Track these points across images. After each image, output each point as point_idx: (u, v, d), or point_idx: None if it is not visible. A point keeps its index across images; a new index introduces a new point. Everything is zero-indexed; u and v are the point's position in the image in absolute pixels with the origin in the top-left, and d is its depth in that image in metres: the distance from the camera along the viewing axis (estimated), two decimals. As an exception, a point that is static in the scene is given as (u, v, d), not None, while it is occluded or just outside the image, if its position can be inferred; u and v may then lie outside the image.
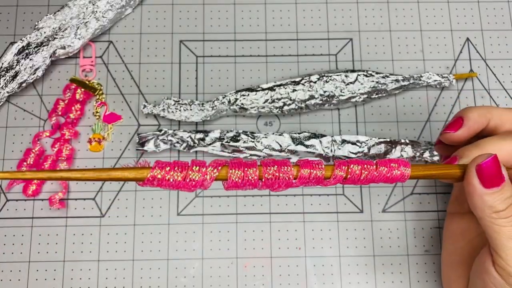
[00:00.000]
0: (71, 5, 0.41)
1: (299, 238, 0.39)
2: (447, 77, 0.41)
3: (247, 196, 0.39)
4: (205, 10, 0.43)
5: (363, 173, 0.26)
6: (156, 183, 0.22)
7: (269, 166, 0.24)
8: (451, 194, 0.36)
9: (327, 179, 0.25)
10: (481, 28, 0.43)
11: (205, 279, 0.38)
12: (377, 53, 0.42)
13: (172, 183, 0.22)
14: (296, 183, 0.25)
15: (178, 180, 0.22)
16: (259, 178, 0.24)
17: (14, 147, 0.40)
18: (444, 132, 0.31)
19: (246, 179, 0.23)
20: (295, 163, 0.25)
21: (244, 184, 0.24)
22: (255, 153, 0.39)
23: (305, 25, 0.43)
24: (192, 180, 0.22)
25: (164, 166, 0.22)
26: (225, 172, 0.23)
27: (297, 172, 0.25)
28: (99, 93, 0.41)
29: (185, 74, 0.42)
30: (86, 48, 0.42)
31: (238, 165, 0.23)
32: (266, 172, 0.24)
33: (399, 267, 0.38)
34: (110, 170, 0.21)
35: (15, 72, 0.39)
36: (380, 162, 0.26)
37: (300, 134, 0.39)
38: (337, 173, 0.25)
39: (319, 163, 0.25)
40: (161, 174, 0.22)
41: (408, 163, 0.27)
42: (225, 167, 0.23)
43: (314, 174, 0.25)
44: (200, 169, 0.23)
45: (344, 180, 0.26)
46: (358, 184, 0.26)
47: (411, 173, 0.26)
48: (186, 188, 0.23)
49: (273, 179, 0.24)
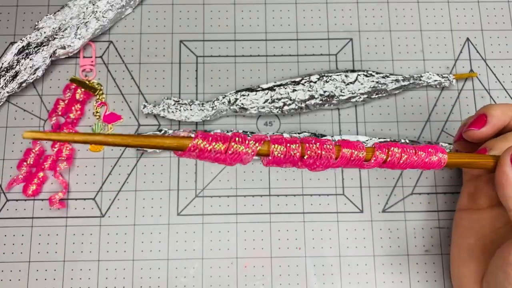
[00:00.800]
0: (71, 5, 0.41)
1: (299, 238, 0.39)
2: (447, 77, 0.41)
3: (247, 196, 0.39)
4: (205, 10, 0.43)
5: (403, 157, 0.25)
6: (196, 154, 0.21)
7: (311, 143, 0.23)
8: (461, 191, 0.36)
9: (367, 162, 0.25)
10: (481, 28, 0.43)
11: (205, 279, 0.38)
12: (377, 53, 0.42)
13: (212, 155, 0.22)
14: (337, 163, 0.24)
15: (220, 151, 0.21)
16: (301, 155, 0.23)
17: (14, 147, 0.40)
18: (467, 129, 0.32)
19: (288, 155, 0.23)
20: (335, 143, 0.24)
21: (285, 161, 0.23)
22: (255, 153, 0.39)
23: (305, 25, 0.43)
24: (235, 152, 0.22)
25: (207, 137, 0.21)
26: (267, 147, 0.23)
27: (339, 151, 0.24)
28: (99, 93, 0.41)
29: (185, 74, 0.42)
30: (86, 48, 0.42)
31: (280, 140, 0.23)
32: (309, 149, 0.23)
33: (399, 267, 0.38)
34: (150, 137, 0.21)
35: (15, 72, 0.39)
36: (418, 147, 0.26)
37: (300, 134, 0.39)
38: (378, 154, 0.25)
39: (360, 144, 0.24)
40: (204, 144, 0.21)
41: (445, 150, 0.27)
42: (267, 142, 0.23)
43: (356, 154, 0.24)
44: (243, 141, 0.22)
45: (383, 164, 0.25)
46: (396, 168, 0.26)
47: (449, 160, 0.26)
48: (227, 161, 0.22)
49: (315, 157, 0.23)
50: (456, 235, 0.35)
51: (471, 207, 0.34)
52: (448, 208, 0.39)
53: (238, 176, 0.40)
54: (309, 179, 0.40)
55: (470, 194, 0.34)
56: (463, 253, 0.33)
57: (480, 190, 0.33)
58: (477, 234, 0.33)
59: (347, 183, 0.40)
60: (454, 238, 0.35)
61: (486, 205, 0.33)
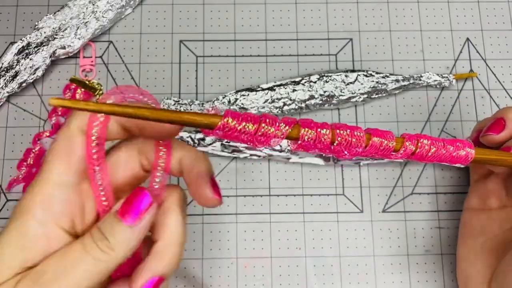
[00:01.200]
0: (71, 5, 0.41)
1: (299, 238, 0.39)
2: (447, 77, 0.41)
3: (247, 196, 0.39)
4: (205, 10, 0.43)
5: (431, 149, 0.24)
6: (225, 133, 0.21)
7: (341, 129, 0.22)
8: (469, 191, 0.36)
9: (396, 152, 0.24)
10: (481, 28, 0.43)
11: (206, 279, 0.38)
12: (377, 53, 0.42)
13: (240, 136, 0.21)
14: (366, 152, 0.23)
15: (250, 132, 0.21)
16: (331, 141, 0.22)
17: (14, 147, 0.40)
18: (485, 134, 0.31)
19: (318, 140, 0.22)
20: (365, 131, 0.23)
21: (315, 146, 0.22)
22: (255, 153, 0.39)
23: (305, 25, 0.43)
24: (265, 134, 0.21)
25: (237, 116, 0.21)
26: (297, 131, 0.22)
27: (368, 140, 0.23)
28: (99, 93, 0.41)
29: (185, 74, 0.42)
30: (86, 48, 0.42)
31: (310, 125, 0.22)
32: (339, 135, 0.22)
33: (399, 267, 0.38)
34: (181, 113, 0.20)
35: (15, 72, 0.39)
36: (446, 140, 0.25)
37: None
38: (407, 145, 0.24)
39: (390, 133, 0.24)
40: (234, 123, 0.20)
41: (472, 144, 0.26)
42: (298, 126, 0.22)
43: (385, 144, 0.23)
44: (273, 123, 0.21)
45: (411, 156, 0.24)
46: (424, 161, 0.25)
47: (475, 155, 0.26)
48: (254, 142, 0.21)
49: (345, 144, 0.22)
50: (464, 235, 0.35)
51: (480, 208, 0.34)
52: (448, 208, 0.39)
53: (238, 176, 0.40)
54: (309, 179, 0.40)
55: (479, 195, 0.34)
56: (471, 253, 0.33)
57: (490, 191, 0.33)
58: (485, 235, 0.33)
59: (347, 183, 0.40)
60: (462, 237, 0.35)
61: (496, 206, 0.33)
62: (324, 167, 0.40)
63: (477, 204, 0.34)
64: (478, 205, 0.34)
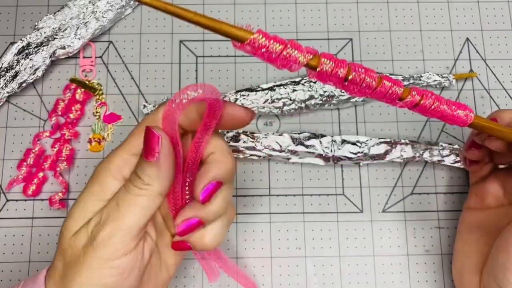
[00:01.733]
0: (71, 5, 0.41)
1: (299, 238, 0.39)
2: (447, 77, 0.41)
3: (247, 196, 0.39)
4: (205, 10, 0.43)
5: (435, 102, 0.26)
6: (254, 48, 0.22)
7: (358, 72, 0.24)
8: (469, 192, 0.36)
9: (401, 100, 0.26)
10: (481, 28, 0.43)
11: (205, 279, 0.38)
12: (377, 53, 0.42)
13: (266, 53, 0.23)
14: (375, 93, 0.25)
15: (276, 51, 0.22)
16: (346, 76, 0.24)
17: (14, 147, 0.40)
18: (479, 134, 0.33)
19: (335, 71, 0.24)
20: (380, 76, 0.25)
21: (330, 78, 0.24)
22: (255, 153, 0.39)
23: (305, 25, 0.43)
24: (287, 55, 0.23)
25: (267, 35, 0.23)
26: (317, 61, 0.23)
27: (380, 82, 0.25)
28: (99, 93, 0.41)
29: (185, 74, 0.42)
30: (86, 48, 0.42)
31: (330, 56, 0.24)
32: (354, 70, 0.24)
33: (399, 267, 0.38)
34: (220, 23, 0.23)
35: (15, 72, 0.39)
36: (448, 102, 0.27)
37: (300, 134, 0.39)
38: (414, 94, 0.26)
39: (400, 82, 0.26)
40: (263, 40, 0.22)
41: (472, 110, 0.28)
42: (318, 56, 0.24)
43: (394, 89, 0.25)
44: (298, 48, 0.23)
45: (414, 107, 0.26)
46: (425, 114, 0.27)
47: (474, 120, 0.28)
48: (278, 63, 0.23)
49: (358, 81, 0.24)
50: (461, 231, 0.36)
51: (479, 207, 0.35)
52: (448, 208, 0.39)
53: (239, 176, 0.40)
54: (309, 179, 0.40)
55: (478, 195, 0.35)
56: (467, 246, 0.34)
57: (488, 191, 0.34)
58: (482, 230, 0.34)
59: (347, 183, 0.40)
60: (459, 233, 0.36)
61: (493, 204, 0.34)
62: (324, 167, 0.40)
63: (476, 204, 0.35)
64: (477, 204, 0.35)
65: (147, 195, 0.25)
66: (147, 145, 0.25)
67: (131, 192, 0.25)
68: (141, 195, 0.25)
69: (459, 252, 0.35)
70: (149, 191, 0.25)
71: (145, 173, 0.25)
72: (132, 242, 0.25)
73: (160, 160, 0.25)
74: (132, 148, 0.27)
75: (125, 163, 0.27)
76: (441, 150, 0.39)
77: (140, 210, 0.25)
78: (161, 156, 0.25)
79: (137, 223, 0.25)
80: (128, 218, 0.25)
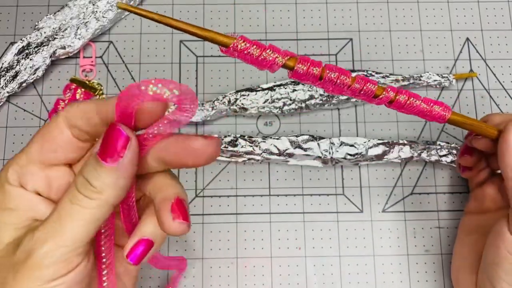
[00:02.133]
0: (71, 5, 0.41)
1: (299, 238, 0.39)
2: (447, 77, 0.41)
3: (247, 196, 0.39)
4: (205, 10, 0.43)
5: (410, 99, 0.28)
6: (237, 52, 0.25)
7: (332, 70, 0.26)
8: (469, 197, 0.37)
9: (377, 97, 0.27)
10: (481, 28, 0.43)
11: (205, 279, 0.38)
12: (377, 53, 0.42)
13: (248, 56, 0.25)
14: (348, 92, 0.27)
15: (255, 55, 0.25)
16: (319, 77, 0.26)
17: (14, 147, 0.40)
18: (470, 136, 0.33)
19: (310, 70, 0.26)
20: (354, 76, 0.27)
21: (306, 78, 0.26)
22: (253, 157, 0.39)
23: (305, 25, 0.43)
24: (265, 59, 0.25)
25: (247, 41, 0.25)
26: (293, 63, 0.26)
27: (352, 83, 0.27)
28: (99, 93, 0.41)
29: (185, 74, 0.42)
30: (86, 48, 0.42)
31: (305, 60, 0.26)
32: (327, 75, 0.26)
33: (399, 267, 0.38)
34: (206, 31, 0.24)
35: (15, 72, 0.40)
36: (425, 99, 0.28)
37: (298, 137, 0.39)
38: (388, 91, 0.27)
39: (375, 82, 0.27)
40: (243, 45, 0.24)
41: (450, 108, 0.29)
42: (294, 58, 0.26)
43: (368, 86, 0.27)
44: (274, 52, 0.25)
45: (390, 104, 0.28)
46: (401, 111, 0.28)
47: (452, 116, 0.29)
48: (258, 64, 0.25)
49: (330, 82, 0.26)
50: (461, 233, 0.36)
51: (478, 211, 0.35)
52: (448, 208, 0.39)
53: (238, 176, 0.40)
54: (309, 179, 0.40)
55: (478, 199, 0.36)
56: (466, 247, 0.35)
57: (487, 195, 0.35)
58: (481, 232, 0.34)
59: (347, 183, 0.40)
60: (459, 236, 0.36)
61: (493, 208, 0.34)
62: (323, 167, 0.40)
63: (476, 208, 0.36)
64: (477, 208, 0.36)
65: (97, 206, 0.21)
66: (109, 146, 0.20)
67: (78, 203, 0.21)
68: (90, 207, 0.21)
69: (458, 253, 0.35)
70: (100, 200, 0.21)
71: (99, 180, 0.21)
72: (78, 258, 0.21)
73: (123, 167, 0.21)
74: (30, 154, 0.23)
75: (22, 170, 0.23)
76: (439, 149, 0.39)
77: (89, 223, 0.21)
78: (126, 162, 0.21)
79: (85, 237, 0.21)
80: (73, 232, 0.21)
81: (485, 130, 0.30)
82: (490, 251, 0.31)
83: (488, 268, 0.31)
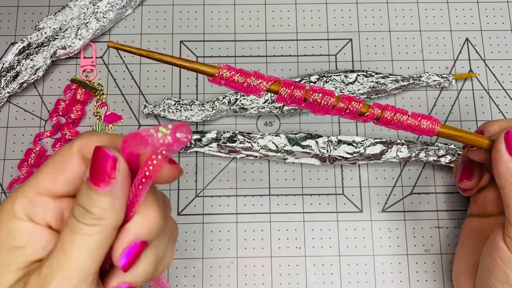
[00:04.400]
0: (72, 6, 0.41)
1: (299, 238, 0.39)
2: (446, 77, 0.41)
3: (247, 196, 0.39)
4: (205, 10, 0.43)
5: (396, 114, 0.28)
6: (223, 82, 0.26)
7: (316, 92, 0.27)
8: (470, 200, 0.36)
9: (363, 115, 0.28)
10: (481, 29, 0.43)
11: (205, 279, 0.38)
12: (377, 53, 0.43)
13: (234, 84, 0.26)
14: (334, 112, 0.27)
15: (240, 82, 0.26)
16: (303, 99, 0.27)
17: (15, 147, 0.40)
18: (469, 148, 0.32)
19: (293, 96, 0.27)
20: (338, 96, 0.27)
21: (291, 101, 0.27)
22: (251, 153, 0.39)
23: (305, 26, 0.43)
24: (250, 85, 0.26)
25: (232, 69, 0.26)
26: (277, 87, 0.27)
27: (337, 102, 0.27)
28: (99, 93, 0.41)
29: (186, 74, 0.42)
30: (86, 49, 0.42)
31: (289, 84, 0.27)
32: (310, 96, 0.27)
33: (399, 267, 0.38)
34: (193, 62, 0.26)
35: (15, 72, 0.40)
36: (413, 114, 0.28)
37: (296, 134, 0.39)
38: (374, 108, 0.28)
39: (360, 100, 0.27)
40: (228, 74, 0.26)
41: (439, 120, 0.29)
42: (278, 83, 0.27)
43: (353, 105, 0.27)
44: (258, 78, 0.27)
45: (377, 121, 0.28)
46: (389, 127, 0.28)
47: (441, 129, 0.29)
48: (244, 91, 0.27)
49: (314, 103, 0.27)
50: (464, 236, 0.36)
51: (481, 214, 0.35)
52: (448, 208, 0.39)
53: (238, 176, 0.40)
54: (309, 178, 0.40)
55: (480, 203, 0.35)
56: (467, 250, 0.34)
57: (489, 200, 0.35)
58: (482, 235, 0.34)
59: (347, 182, 0.40)
60: (461, 238, 0.36)
61: (495, 212, 0.34)
62: (323, 166, 0.40)
63: (478, 212, 0.36)
64: (480, 212, 0.35)
65: (100, 232, 0.21)
66: (98, 169, 0.20)
67: (79, 232, 0.21)
68: (92, 234, 0.20)
69: (459, 255, 0.35)
70: (101, 226, 0.21)
71: (96, 206, 0.20)
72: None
73: (116, 189, 0.20)
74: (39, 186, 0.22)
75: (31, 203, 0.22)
76: (437, 150, 0.39)
77: (94, 250, 0.21)
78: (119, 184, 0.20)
79: (92, 266, 0.21)
80: (79, 262, 0.20)
81: (476, 141, 0.30)
82: (485, 259, 0.31)
83: (483, 275, 0.31)
